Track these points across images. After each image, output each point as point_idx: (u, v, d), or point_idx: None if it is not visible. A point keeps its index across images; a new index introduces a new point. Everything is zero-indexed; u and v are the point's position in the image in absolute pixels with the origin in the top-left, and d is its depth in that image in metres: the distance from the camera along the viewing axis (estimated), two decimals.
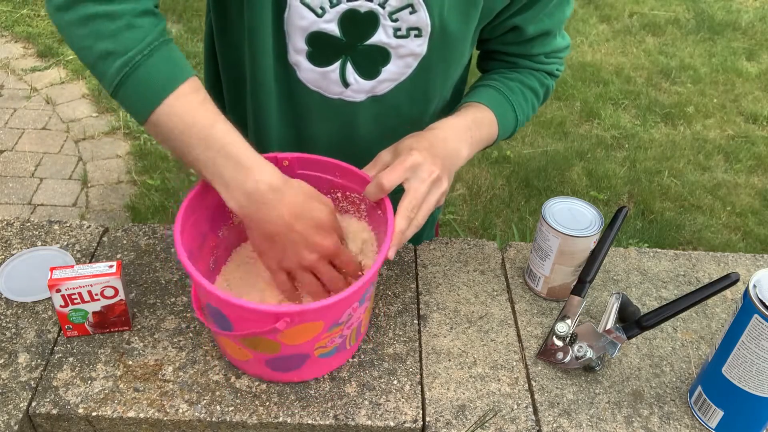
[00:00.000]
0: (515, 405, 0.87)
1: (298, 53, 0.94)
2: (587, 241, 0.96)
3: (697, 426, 0.87)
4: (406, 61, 0.95)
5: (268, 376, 0.89)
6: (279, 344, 0.81)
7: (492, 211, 2.85)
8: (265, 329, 0.76)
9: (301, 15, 0.89)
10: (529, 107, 1.07)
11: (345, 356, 0.91)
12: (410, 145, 0.87)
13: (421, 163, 0.85)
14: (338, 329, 0.83)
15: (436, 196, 0.87)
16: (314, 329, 0.80)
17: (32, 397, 0.85)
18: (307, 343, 0.82)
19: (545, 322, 0.99)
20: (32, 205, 2.75)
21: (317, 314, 0.79)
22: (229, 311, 0.79)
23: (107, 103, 3.33)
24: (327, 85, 0.97)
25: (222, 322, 0.81)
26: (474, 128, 0.97)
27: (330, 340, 0.84)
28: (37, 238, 1.07)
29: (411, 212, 0.84)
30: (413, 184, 0.85)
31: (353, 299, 0.81)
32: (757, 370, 0.78)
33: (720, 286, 0.87)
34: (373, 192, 0.85)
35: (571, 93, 3.60)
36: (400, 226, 0.83)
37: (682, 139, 3.34)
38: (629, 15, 4.41)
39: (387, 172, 0.85)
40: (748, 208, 2.94)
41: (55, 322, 0.94)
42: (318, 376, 0.90)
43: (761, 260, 1.13)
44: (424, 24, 0.90)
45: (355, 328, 0.87)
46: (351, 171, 0.92)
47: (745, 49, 4.12)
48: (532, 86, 1.06)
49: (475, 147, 0.97)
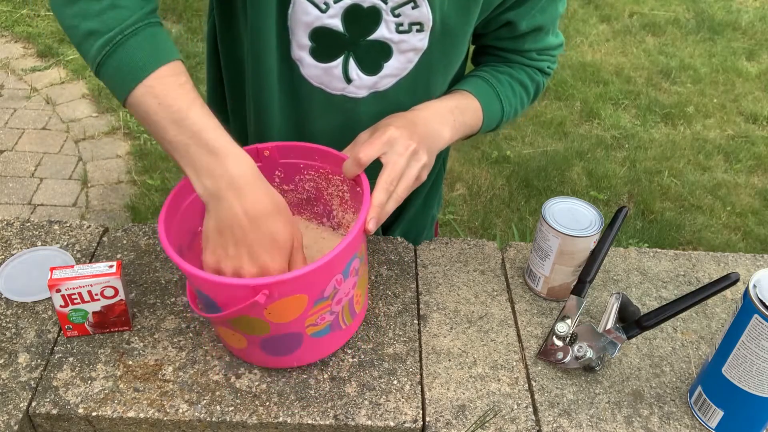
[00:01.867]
0: (515, 405, 0.87)
1: (302, 49, 0.94)
2: (587, 241, 0.96)
3: (697, 426, 0.87)
4: (407, 56, 0.95)
5: (267, 361, 0.89)
6: (267, 323, 0.81)
7: (492, 211, 2.85)
8: (247, 304, 0.75)
9: (305, 10, 0.89)
10: (517, 100, 1.07)
11: (343, 337, 0.90)
12: (388, 122, 0.88)
13: (397, 137, 0.86)
14: (326, 304, 0.82)
15: (415, 169, 0.87)
16: (299, 304, 0.80)
17: (32, 397, 0.85)
18: (296, 321, 0.81)
19: (545, 322, 0.99)
20: (32, 205, 2.75)
21: (296, 285, 0.77)
22: (211, 292, 0.79)
23: (107, 103, 3.33)
24: (329, 81, 0.97)
25: (211, 307, 0.82)
26: (457, 112, 0.98)
27: (320, 317, 0.83)
28: (37, 238, 1.07)
29: (390, 185, 0.84)
30: (391, 158, 0.85)
31: (333, 269, 0.79)
32: (757, 370, 0.78)
33: (720, 286, 0.87)
34: (351, 167, 0.85)
35: (571, 93, 3.60)
36: (379, 198, 0.83)
37: (682, 139, 3.34)
38: (629, 15, 4.41)
39: (363, 146, 0.85)
40: (748, 208, 2.94)
41: (55, 322, 0.94)
42: (319, 358, 0.90)
43: (761, 260, 1.13)
44: (426, 18, 0.91)
45: (346, 304, 0.86)
46: (330, 153, 0.92)
47: (745, 49, 4.12)
48: (521, 80, 1.07)
49: (458, 131, 0.98)
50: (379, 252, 1.08)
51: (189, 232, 0.89)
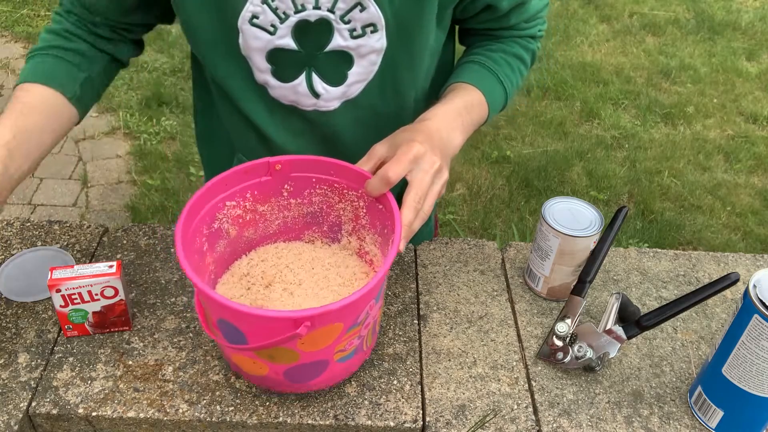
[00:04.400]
0: (515, 405, 0.87)
1: (263, 72, 0.95)
2: (587, 241, 0.96)
3: (697, 426, 0.87)
4: (369, 59, 0.94)
5: (287, 388, 0.86)
6: (298, 353, 0.78)
7: (492, 211, 2.85)
8: (285, 337, 0.73)
9: (254, 36, 0.90)
10: (516, 75, 1.06)
11: (361, 358, 0.89)
12: (410, 137, 0.86)
13: (423, 153, 0.84)
14: (356, 330, 0.81)
15: (438, 186, 0.86)
16: (334, 332, 0.78)
17: (32, 397, 0.85)
18: (327, 348, 0.79)
19: (545, 322, 0.99)
20: (32, 205, 2.75)
21: (338, 315, 0.76)
22: (244, 324, 0.76)
23: (107, 103, 3.33)
24: (299, 99, 0.98)
25: (235, 336, 0.78)
26: (464, 113, 0.96)
27: (349, 342, 0.81)
28: (37, 238, 1.07)
29: (417, 203, 0.83)
30: (417, 175, 0.84)
31: (371, 296, 0.78)
32: (757, 370, 0.78)
33: (720, 286, 0.87)
34: (377, 186, 0.84)
35: (571, 93, 3.60)
36: (408, 218, 0.81)
37: (682, 139, 3.34)
38: (629, 15, 4.41)
39: (391, 164, 0.83)
40: (748, 208, 2.94)
41: (55, 322, 0.94)
42: (338, 381, 0.87)
43: (761, 260, 1.13)
44: (377, 18, 0.89)
45: (371, 327, 0.85)
46: (347, 168, 0.89)
47: (745, 49, 4.12)
48: (516, 53, 1.06)
49: (467, 131, 0.97)
50: None
51: (195, 252, 0.86)
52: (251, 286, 0.91)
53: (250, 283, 0.92)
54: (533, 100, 3.55)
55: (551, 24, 4.22)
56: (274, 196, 0.94)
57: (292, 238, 0.99)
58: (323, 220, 0.97)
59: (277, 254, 0.97)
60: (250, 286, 0.91)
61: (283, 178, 0.92)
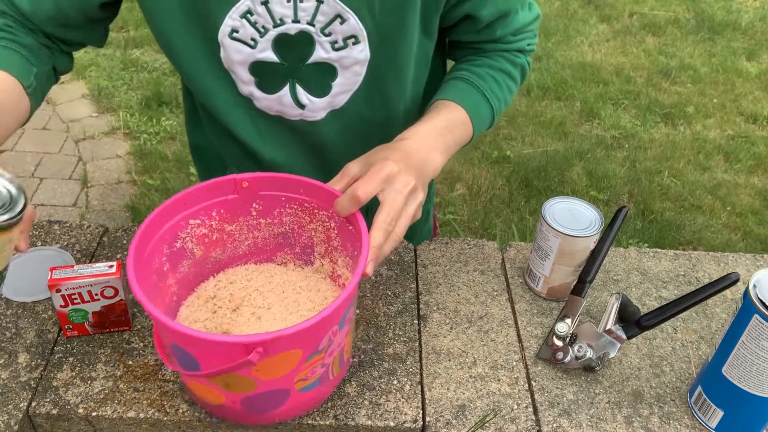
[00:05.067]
0: (515, 405, 0.87)
1: (247, 84, 0.94)
2: (587, 241, 0.96)
3: (697, 426, 0.87)
4: (353, 70, 0.93)
5: (245, 418, 0.81)
6: (254, 381, 0.74)
7: (492, 211, 2.85)
8: (236, 364, 0.68)
9: (236, 49, 0.89)
10: (504, 91, 1.02)
11: (329, 388, 0.84)
12: (384, 156, 0.82)
13: (396, 173, 0.80)
14: (319, 357, 0.75)
15: (413, 207, 0.81)
16: (292, 359, 0.73)
17: (32, 397, 0.85)
18: (286, 376, 0.74)
19: (545, 322, 0.99)
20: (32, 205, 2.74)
21: (293, 341, 0.71)
22: (194, 349, 0.72)
23: (107, 103, 3.33)
24: (284, 109, 0.97)
25: (188, 362, 0.73)
26: (446, 133, 0.92)
27: (311, 371, 0.76)
28: (37, 238, 1.07)
29: (389, 225, 0.78)
30: (390, 195, 0.79)
31: (331, 321, 0.73)
32: (757, 370, 0.78)
33: (720, 286, 0.87)
34: (346, 205, 0.79)
35: (571, 93, 3.60)
36: (377, 240, 0.76)
37: (682, 139, 3.34)
38: (629, 15, 4.41)
39: (362, 182, 0.78)
40: (748, 208, 2.94)
41: (55, 322, 0.94)
42: (301, 413, 0.83)
43: (761, 260, 1.13)
44: (358, 30, 0.88)
45: (337, 355, 0.80)
46: (316, 186, 0.84)
47: (745, 49, 4.12)
48: (503, 68, 1.01)
49: (449, 152, 0.92)
50: None
51: (154, 272, 0.81)
52: (217, 309, 0.88)
53: (217, 306, 0.88)
54: (533, 100, 3.55)
55: (551, 24, 4.22)
56: (242, 215, 0.89)
57: (264, 260, 0.95)
58: (295, 241, 0.93)
59: (247, 276, 0.93)
60: (216, 309, 0.88)
61: (251, 196, 0.87)
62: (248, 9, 0.86)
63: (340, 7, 0.85)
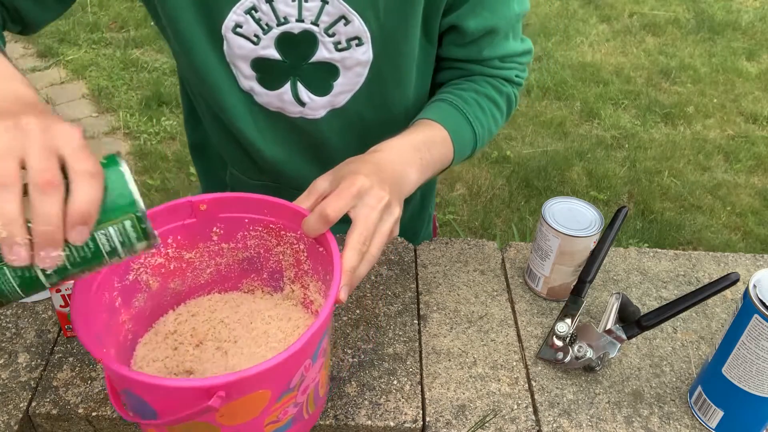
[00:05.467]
0: (515, 405, 0.87)
1: (249, 79, 0.94)
2: (587, 241, 0.96)
3: (697, 426, 0.87)
4: (355, 71, 0.93)
5: None
6: (218, 428, 0.66)
7: (492, 211, 2.85)
8: (197, 410, 0.60)
9: (238, 45, 0.89)
10: (488, 118, 0.98)
11: (305, 427, 0.76)
12: (354, 170, 0.76)
13: (369, 187, 0.73)
14: (290, 396, 0.68)
15: (388, 224, 0.75)
16: (259, 402, 0.65)
17: (32, 397, 0.85)
18: (254, 420, 0.67)
19: (545, 322, 0.99)
20: None
21: (260, 381, 0.63)
22: (149, 395, 0.64)
23: (107, 103, 3.33)
24: (284, 106, 0.97)
25: (144, 410, 0.66)
26: (424, 149, 0.87)
27: (282, 412, 0.68)
28: None
29: (362, 245, 0.71)
30: (362, 212, 0.72)
31: (303, 355, 0.65)
32: (757, 370, 0.78)
33: (720, 286, 0.87)
34: (314, 225, 0.72)
35: (571, 93, 3.60)
36: (351, 262, 0.69)
37: (682, 139, 3.34)
38: (629, 15, 4.41)
39: (331, 199, 0.72)
40: (748, 208, 2.94)
41: (55, 322, 0.94)
42: None
43: (761, 260, 1.13)
44: (362, 32, 0.88)
45: (312, 391, 0.72)
46: (282, 206, 0.77)
47: (745, 49, 4.12)
48: (488, 94, 0.98)
49: (426, 170, 0.86)
50: None
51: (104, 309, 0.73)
52: (179, 345, 0.80)
53: (178, 343, 0.81)
54: (533, 100, 3.55)
55: (551, 24, 4.22)
56: (202, 241, 0.81)
57: (229, 288, 0.88)
58: (262, 266, 0.85)
59: (211, 307, 0.85)
60: (177, 345, 0.80)
61: (210, 220, 0.80)
62: (253, 5, 0.86)
63: (344, 8, 0.85)
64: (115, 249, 0.57)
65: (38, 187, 0.52)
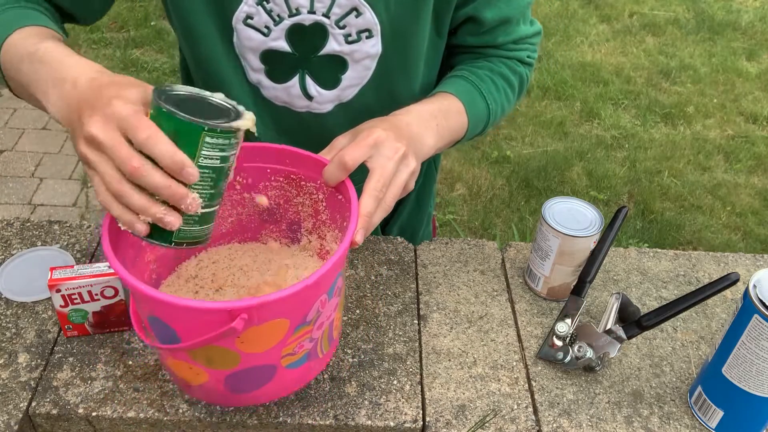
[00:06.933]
0: (515, 405, 0.87)
1: (257, 72, 0.94)
2: (587, 241, 0.96)
3: (697, 426, 0.87)
4: (363, 64, 0.93)
5: (228, 400, 0.77)
6: (238, 354, 0.70)
7: (492, 211, 2.85)
8: (219, 332, 0.64)
9: (248, 37, 0.89)
10: (501, 95, 1.01)
11: (317, 367, 0.80)
12: (372, 125, 0.81)
13: (384, 139, 0.77)
14: (307, 329, 0.72)
15: (404, 175, 0.78)
16: (279, 330, 0.69)
17: (32, 397, 0.85)
18: (272, 349, 0.70)
19: (545, 322, 0.99)
20: (32, 205, 2.74)
21: (280, 308, 0.67)
22: (173, 318, 0.68)
23: None
24: (291, 100, 0.97)
25: (166, 334, 0.69)
26: (440, 116, 0.90)
27: (299, 345, 0.72)
28: (37, 238, 1.07)
29: (379, 192, 0.75)
30: (379, 161, 0.76)
31: (320, 289, 0.70)
32: (757, 370, 0.78)
33: (720, 286, 0.87)
34: (334, 172, 0.76)
35: (571, 93, 3.60)
36: (367, 207, 0.73)
37: (682, 139, 3.34)
38: (629, 15, 4.41)
39: (349, 148, 0.76)
40: (748, 208, 2.94)
41: (55, 322, 0.94)
42: (288, 393, 0.80)
43: (761, 260, 1.13)
44: (373, 24, 0.88)
45: (326, 329, 0.76)
46: (304, 156, 0.81)
47: (745, 49, 4.12)
48: (502, 73, 1.01)
49: (442, 137, 0.90)
50: (379, 252, 1.08)
51: (130, 245, 0.77)
52: (199, 289, 0.85)
53: (198, 287, 0.85)
54: (533, 100, 3.55)
55: (551, 24, 4.22)
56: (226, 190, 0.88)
57: (248, 239, 0.92)
58: (281, 217, 0.90)
59: (230, 255, 0.89)
60: (198, 289, 0.85)
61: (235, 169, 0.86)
62: None
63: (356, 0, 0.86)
64: (222, 157, 0.66)
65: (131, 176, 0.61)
